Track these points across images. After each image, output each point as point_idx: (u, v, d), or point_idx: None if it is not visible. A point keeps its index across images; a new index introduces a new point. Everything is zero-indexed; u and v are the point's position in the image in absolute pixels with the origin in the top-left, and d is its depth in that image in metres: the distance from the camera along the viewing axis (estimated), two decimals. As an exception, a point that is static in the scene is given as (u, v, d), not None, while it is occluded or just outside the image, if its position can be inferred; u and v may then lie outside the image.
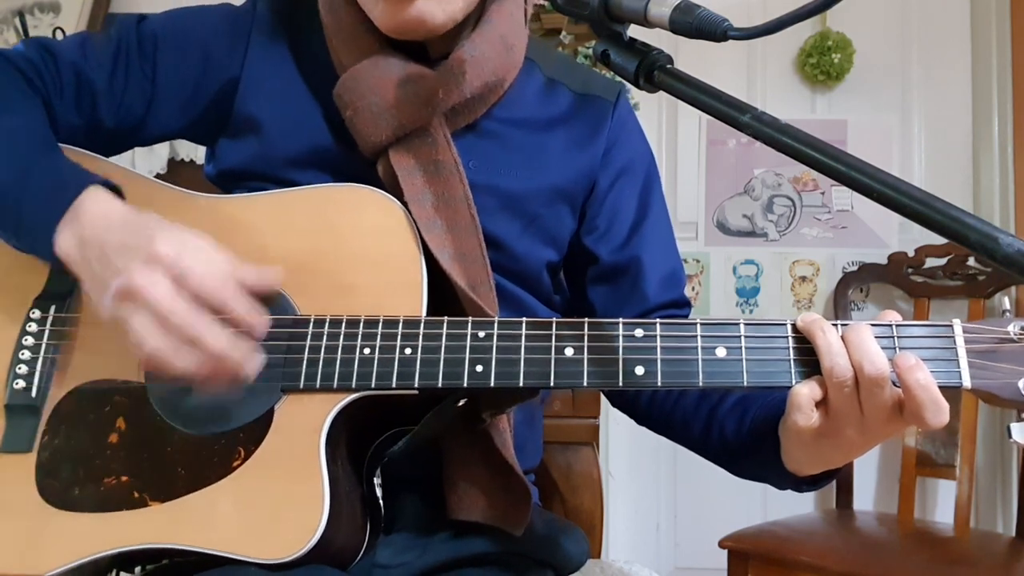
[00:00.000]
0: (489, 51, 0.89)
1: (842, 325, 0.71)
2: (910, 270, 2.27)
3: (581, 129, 0.97)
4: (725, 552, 1.86)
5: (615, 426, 2.38)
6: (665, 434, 0.96)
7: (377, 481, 0.87)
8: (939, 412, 0.68)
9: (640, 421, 0.99)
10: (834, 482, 2.14)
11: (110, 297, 0.72)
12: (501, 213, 0.91)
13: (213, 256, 0.74)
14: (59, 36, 2.31)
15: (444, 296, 0.83)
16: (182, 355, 0.71)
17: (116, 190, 0.82)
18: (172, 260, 0.71)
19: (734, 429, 0.85)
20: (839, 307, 2.30)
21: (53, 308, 0.84)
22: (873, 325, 0.71)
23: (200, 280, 0.72)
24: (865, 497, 2.31)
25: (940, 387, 0.69)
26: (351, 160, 0.89)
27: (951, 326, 0.72)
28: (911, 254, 2.26)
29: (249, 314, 0.74)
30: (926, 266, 2.25)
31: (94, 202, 0.78)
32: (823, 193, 2.42)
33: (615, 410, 1.02)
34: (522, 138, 0.94)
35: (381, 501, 0.87)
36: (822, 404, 0.71)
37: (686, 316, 1.00)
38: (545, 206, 0.94)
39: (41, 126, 0.86)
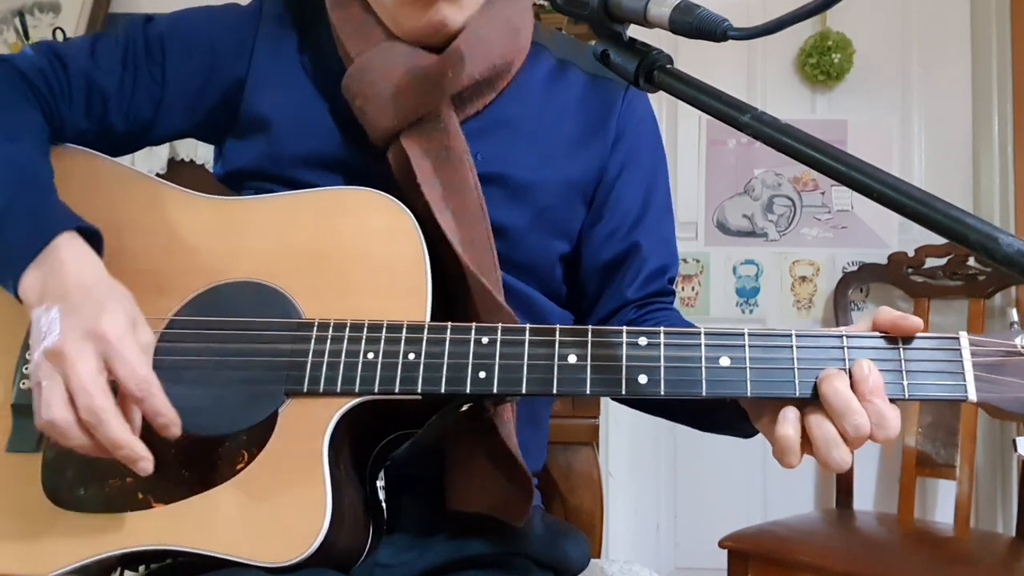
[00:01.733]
0: (494, 33, 0.89)
1: (849, 361, 0.71)
2: (910, 270, 2.27)
3: (592, 115, 0.97)
4: (725, 552, 1.86)
5: (615, 426, 2.38)
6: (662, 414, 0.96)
7: (380, 483, 0.87)
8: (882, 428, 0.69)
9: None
10: (834, 482, 2.16)
11: (39, 353, 0.71)
12: (509, 204, 0.91)
13: (150, 353, 0.74)
14: (59, 36, 2.31)
15: (448, 296, 0.83)
16: (76, 434, 0.70)
17: (96, 235, 0.79)
18: (112, 340, 0.70)
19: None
20: (839, 307, 2.30)
21: None
22: (880, 336, 0.72)
23: (130, 369, 0.70)
24: (865, 497, 2.31)
25: (945, 400, 0.70)
26: (361, 156, 0.89)
27: (957, 339, 0.71)
28: (911, 254, 2.26)
29: (167, 414, 0.72)
30: (926, 266, 2.26)
31: (65, 253, 0.75)
32: (823, 193, 2.42)
33: (615, 410, 1.02)
34: (532, 128, 0.94)
35: (384, 504, 0.87)
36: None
37: (671, 303, 1.00)
38: (556, 197, 0.94)
39: (33, 154, 0.84)
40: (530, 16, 0.96)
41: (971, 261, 2.21)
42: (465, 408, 0.80)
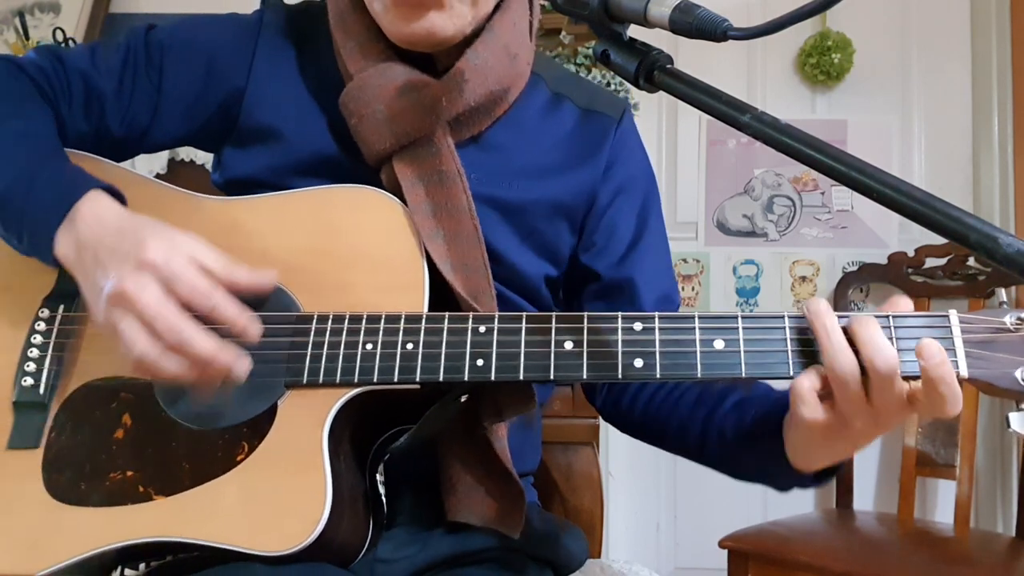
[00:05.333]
0: (492, 60, 0.89)
1: (844, 316, 0.71)
2: (910, 270, 2.27)
3: (584, 145, 0.97)
4: (725, 552, 1.86)
5: (615, 426, 2.38)
6: (659, 444, 0.96)
7: (380, 479, 0.87)
8: (957, 403, 0.67)
9: (633, 433, 0.99)
10: (834, 482, 2.16)
11: (102, 301, 0.74)
12: (499, 225, 0.92)
13: (204, 257, 0.76)
14: (59, 36, 2.31)
15: (446, 297, 0.83)
16: (169, 360, 0.73)
17: (117, 194, 0.83)
18: (162, 265, 0.73)
19: (734, 428, 0.85)
20: (839, 307, 2.28)
21: (62, 307, 0.85)
22: (876, 316, 0.71)
23: (190, 286, 0.73)
24: (865, 497, 2.31)
25: None
26: (357, 169, 0.89)
27: (947, 316, 0.72)
28: (911, 254, 2.27)
29: (240, 317, 0.76)
30: (926, 266, 2.26)
31: (91, 206, 0.79)
32: (823, 193, 2.42)
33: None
34: (525, 152, 0.94)
35: (384, 498, 0.87)
36: (828, 397, 0.71)
37: None
38: (544, 221, 0.94)
39: (49, 132, 0.88)
40: (529, 43, 0.95)
41: (971, 261, 2.21)
42: (464, 399, 0.81)
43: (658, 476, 2.44)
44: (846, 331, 0.70)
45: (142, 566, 0.84)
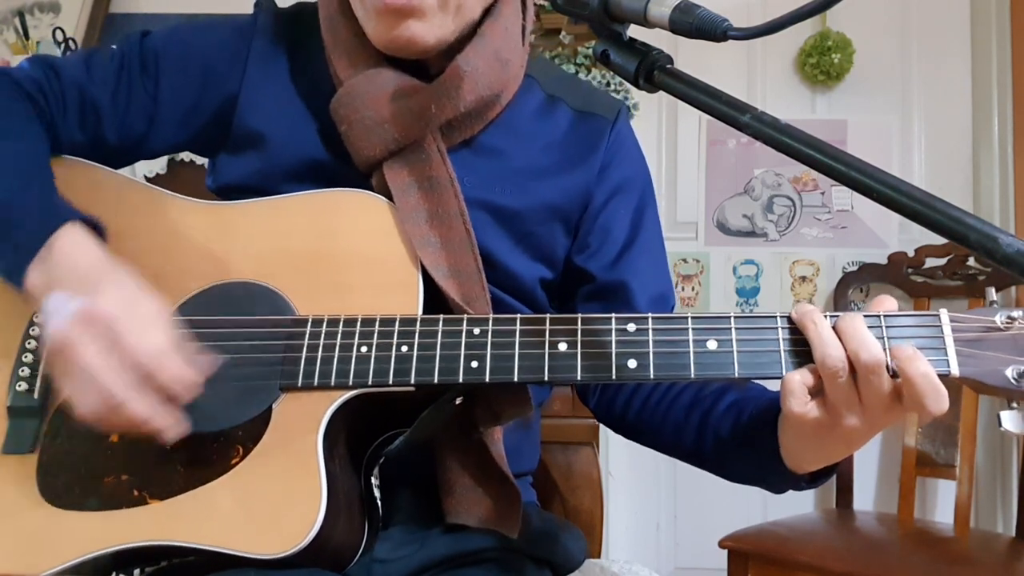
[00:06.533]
0: (483, 66, 0.89)
1: (833, 316, 0.72)
2: (910, 270, 2.27)
3: (578, 147, 0.97)
4: (725, 552, 1.86)
5: (615, 426, 2.38)
6: (654, 446, 0.96)
7: (375, 482, 0.87)
8: (940, 399, 0.67)
9: (628, 435, 0.98)
10: (834, 482, 2.16)
11: (48, 344, 0.72)
12: (493, 229, 0.92)
13: (153, 322, 0.73)
14: (59, 36, 2.31)
15: (440, 303, 0.83)
16: (113, 419, 0.71)
17: (97, 226, 0.81)
18: (109, 321, 0.71)
19: (730, 428, 0.85)
20: (839, 307, 2.30)
21: None
22: (865, 316, 0.72)
23: (128, 349, 0.70)
24: (865, 497, 2.31)
25: None
26: (348, 175, 0.89)
27: (938, 315, 0.72)
28: (911, 254, 2.27)
29: (180, 380, 0.73)
30: (926, 266, 2.26)
31: (66, 243, 0.77)
32: (823, 193, 2.42)
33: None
34: (518, 155, 0.94)
35: (379, 501, 0.87)
36: (819, 395, 0.71)
37: None
38: (539, 224, 0.94)
39: (35, 154, 0.86)
40: (521, 48, 0.95)
41: (971, 261, 2.21)
42: (459, 401, 0.81)
43: (658, 476, 2.44)
44: (834, 328, 0.70)
45: (136, 572, 0.83)
